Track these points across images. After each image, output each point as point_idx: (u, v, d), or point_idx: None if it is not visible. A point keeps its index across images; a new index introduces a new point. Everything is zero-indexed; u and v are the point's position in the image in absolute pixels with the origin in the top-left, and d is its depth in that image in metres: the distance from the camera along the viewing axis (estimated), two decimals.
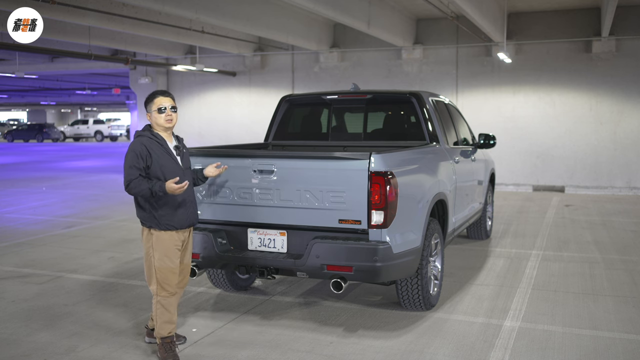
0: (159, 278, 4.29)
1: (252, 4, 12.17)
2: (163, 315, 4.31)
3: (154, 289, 4.33)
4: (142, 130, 4.36)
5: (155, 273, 4.29)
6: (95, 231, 9.32)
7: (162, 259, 4.28)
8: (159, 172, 4.21)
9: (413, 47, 15.00)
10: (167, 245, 4.28)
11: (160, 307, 4.31)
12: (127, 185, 4.16)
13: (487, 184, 8.22)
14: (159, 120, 4.29)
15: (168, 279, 4.30)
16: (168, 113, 4.29)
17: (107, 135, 47.46)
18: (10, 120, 64.59)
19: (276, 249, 4.88)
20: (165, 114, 4.28)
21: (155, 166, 4.20)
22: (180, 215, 4.31)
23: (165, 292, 4.31)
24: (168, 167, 4.25)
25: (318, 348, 4.54)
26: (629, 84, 13.67)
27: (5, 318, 5.23)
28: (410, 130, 6.45)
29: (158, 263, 4.28)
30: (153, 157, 4.20)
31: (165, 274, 4.28)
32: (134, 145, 4.21)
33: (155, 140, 4.26)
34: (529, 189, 14.54)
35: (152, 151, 4.21)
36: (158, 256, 4.28)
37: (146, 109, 4.36)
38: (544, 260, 7.35)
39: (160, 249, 4.27)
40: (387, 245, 4.52)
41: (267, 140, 6.86)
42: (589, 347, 4.58)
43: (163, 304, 4.31)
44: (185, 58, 17.47)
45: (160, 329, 4.31)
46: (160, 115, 4.28)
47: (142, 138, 4.26)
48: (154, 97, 4.33)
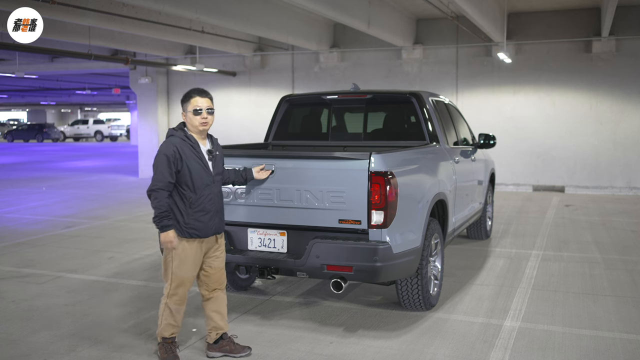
0: (172, 285, 4.18)
1: (252, 4, 12.17)
2: (168, 318, 4.23)
3: (165, 291, 4.24)
4: (175, 130, 4.16)
5: (170, 279, 4.19)
6: (95, 231, 9.32)
7: (180, 267, 4.15)
8: (188, 178, 4.05)
9: (413, 47, 15.00)
10: (187, 254, 4.15)
11: (168, 310, 4.22)
12: (150, 193, 4.00)
13: (487, 184, 8.22)
14: (194, 121, 4.10)
15: (181, 287, 4.19)
16: (204, 115, 4.10)
17: (107, 135, 47.48)
18: (10, 120, 64.59)
19: (276, 249, 4.88)
20: (200, 116, 4.09)
21: (184, 171, 4.04)
22: (207, 223, 4.15)
23: (177, 298, 4.21)
24: (197, 173, 4.08)
25: (318, 348, 4.54)
26: (629, 84, 13.66)
27: (5, 318, 5.23)
28: (410, 130, 6.45)
29: (176, 270, 4.16)
30: (184, 161, 4.02)
31: (179, 282, 4.18)
32: (165, 148, 4.03)
33: (188, 142, 4.08)
34: (529, 189, 14.54)
35: (183, 154, 4.03)
36: (176, 263, 4.15)
37: (182, 107, 4.19)
38: (544, 260, 7.35)
39: (180, 257, 4.14)
40: (387, 245, 4.52)
41: (267, 140, 6.86)
42: (589, 347, 4.58)
43: (171, 308, 4.22)
44: (185, 58, 17.47)
45: (163, 330, 4.25)
46: (195, 116, 4.09)
47: (174, 138, 4.08)
48: (190, 97, 4.13)
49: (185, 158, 4.04)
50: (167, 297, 4.22)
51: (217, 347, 4.39)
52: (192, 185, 4.07)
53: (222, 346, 4.39)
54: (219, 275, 4.38)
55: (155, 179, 4.01)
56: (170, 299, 4.21)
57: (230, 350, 4.38)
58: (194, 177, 4.07)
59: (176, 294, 4.21)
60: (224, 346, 4.39)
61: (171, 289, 4.20)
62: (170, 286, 4.19)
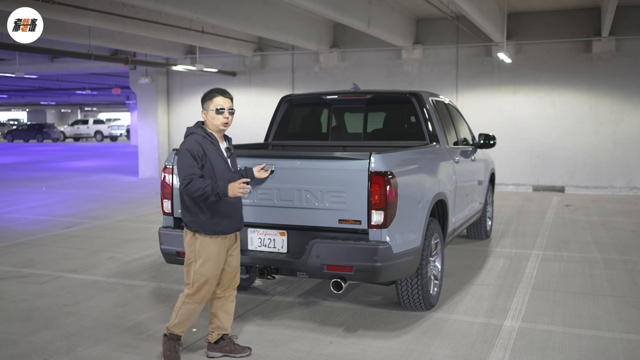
0: (196, 285, 4.15)
1: (252, 4, 12.17)
2: (184, 316, 4.20)
3: (185, 292, 4.20)
4: (194, 128, 4.17)
5: (193, 279, 4.15)
6: (95, 231, 9.32)
7: (204, 265, 4.13)
8: (211, 174, 4.06)
9: (413, 47, 15.00)
10: (210, 251, 4.13)
11: (186, 309, 4.19)
12: (186, 184, 3.96)
13: (487, 184, 8.22)
14: (215, 121, 4.13)
15: (204, 288, 4.17)
16: (226, 115, 4.14)
17: (107, 135, 47.49)
18: (10, 120, 64.59)
19: (276, 249, 4.88)
20: (222, 116, 4.12)
21: (208, 167, 4.05)
22: (229, 220, 4.17)
23: (198, 298, 4.18)
24: (220, 169, 4.11)
25: (318, 348, 4.54)
26: (629, 84, 13.66)
27: (5, 318, 5.23)
28: (410, 130, 6.45)
29: (199, 270, 4.13)
30: (207, 157, 4.05)
31: (203, 282, 4.15)
32: (189, 144, 4.03)
33: (209, 139, 4.10)
34: (529, 189, 14.54)
35: (206, 150, 4.05)
36: (200, 262, 4.12)
37: (202, 105, 4.20)
38: (544, 260, 7.35)
39: (203, 255, 4.13)
40: (387, 245, 4.51)
41: (267, 140, 6.86)
42: (589, 347, 4.58)
43: (190, 308, 4.19)
44: (185, 58, 17.47)
45: (176, 327, 4.21)
46: (217, 116, 4.11)
47: (196, 136, 4.08)
48: (212, 96, 4.15)
49: (209, 154, 4.07)
50: (187, 295, 4.19)
51: (217, 347, 4.38)
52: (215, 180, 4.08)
53: (223, 346, 4.38)
54: (235, 274, 4.39)
55: (183, 173, 3.99)
56: (191, 298, 4.19)
57: (230, 350, 4.37)
58: (217, 173, 4.09)
59: (198, 293, 4.17)
60: (225, 346, 4.38)
61: (193, 289, 4.17)
62: (193, 286, 4.17)
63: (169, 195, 5.15)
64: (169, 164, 5.15)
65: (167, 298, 5.80)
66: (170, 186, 5.13)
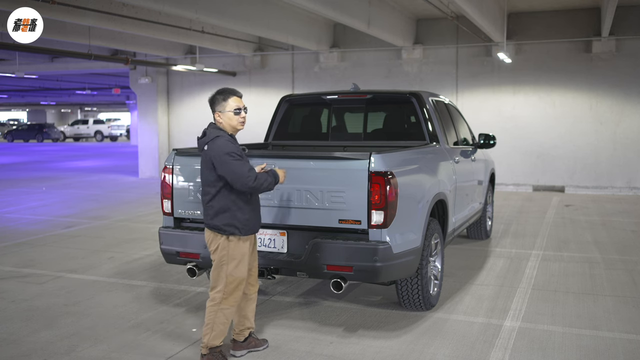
0: (229, 288, 4.14)
1: (252, 4, 12.17)
2: (222, 324, 4.18)
3: (217, 297, 4.16)
4: (217, 130, 4.13)
5: (226, 282, 4.14)
6: (95, 231, 9.32)
7: (238, 267, 4.14)
8: None
9: (413, 47, 15.00)
10: (243, 252, 4.17)
11: (222, 317, 4.17)
12: (254, 179, 4.00)
13: (487, 184, 8.22)
14: (233, 121, 4.14)
15: (238, 289, 4.18)
16: (243, 115, 4.18)
17: (107, 135, 47.48)
18: (10, 120, 64.58)
19: (276, 249, 4.88)
20: (240, 116, 4.16)
21: None
22: (258, 218, 4.26)
23: (232, 302, 4.18)
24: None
25: (318, 348, 4.54)
26: (629, 84, 13.66)
27: (5, 318, 5.23)
28: (410, 130, 6.45)
29: (233, 272, 4.13)
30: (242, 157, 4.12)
31: (237, 284, 4.16)
32: (229, 146, 4.01)
33: (234, 141, 4.14)
34: (529, 189, 14.54)
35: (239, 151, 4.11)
36: (234, 264, 4.13)
37: (216, 107, 4.16)
38: (544, 260, 7.35)
39: (237, 257, 4.14)
40: (387, 245, 4.51)
41: (267, 140, 6.86)
42: (589, 347, 4.58)
43: (226, 314, 4.18)
44: (185, 58, 17.47)
45: (214, 339, 4.18)
46: (235, 116, 4.13)
47: (227, 136, 4.08)
48: (227, 97, 4.15)
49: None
50: (221, 302, 4.16)
51: (244, 345, 4.42)
52: None
53: (249, 342, 4.45)
54: (257, 273, 4.49)
55: (243, 170, 3.98)
56: (226, 303, 4.16)
57: (255, 345, 4.46)
58: None
59: (233, 295, 4.17)
60: (251, 342, 4.45)
61: (227, 292, 4.15)
62: (226, 290, 4.15)
63: (169, 195, 5.15)
64: (169, 164, 5.16)
65: (167, 298, 5.80)
66: (170, 186, 5.14)
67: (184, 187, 5.11)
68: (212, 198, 4.12)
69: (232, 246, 4.13)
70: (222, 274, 4.15)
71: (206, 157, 4.10)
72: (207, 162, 4.10)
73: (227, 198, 4.09)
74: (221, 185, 4.09)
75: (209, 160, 4.08)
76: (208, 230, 4.22)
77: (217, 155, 4.02)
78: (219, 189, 4.10)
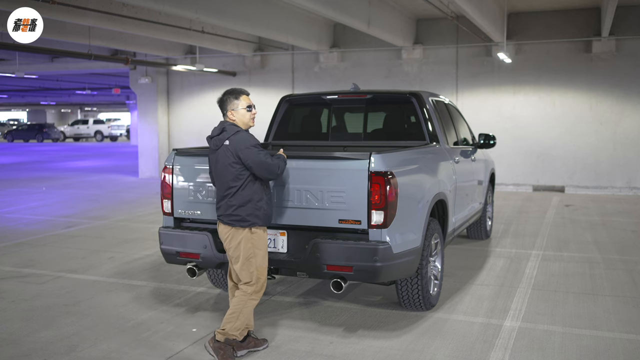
0: (262, 278, 4.26)
1: (252, 4, 12.17)
2: (247, 315, 4.27)
3: (249, 290, 4.24)
4: (234, 126, 4.30)
5: (258, 274, 4.24)
6: (95, 231, 9.32)
7: (264, 257, 4.30)
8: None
9: (413, 47, 15.00)
10: (265, 242, 4.34)
11: (250, 306, 4.28)
12: (278, 165, 4.26)
13: (487, 184, 8.22)
14: (246, 118, 4.34)
15: (265, 278, 4.32)
16: (254, 112, 4.40)
17: (107, 135, 47.49)
18: (10, 120, 64.58)
19: (276, 249, 4.88)
20: (252, 113, 4.37)
21: None
22: (272, 208, 4.44)
23: (262, 292, 4.33)
24: None
25: (318, 348, 4.54)
26: (629, 84, 13.66)
27: (5, 318, 5.23)
28: (410, 130, 6.45)
29: (262, 262, 4.27)
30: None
31: (264, 273, 4.29)
32: (253, 138, 4.23)
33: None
34: (529, 189, 14.54)
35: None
36: (261, 255, 4.26)
37: (228, 106, 4.34)
38: (544, 260, 7.35)
39: (262, 247, 4.29)
40: (387, 245, 4.51)
41: (267, 140, 6.86)
42: (589, 347, 4.58)
43: (253, 304, 4.30)
44: (185, 58, 17.47)
45: (235, 330, 4.23)
46: (248, 113, 4.35)
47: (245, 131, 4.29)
48: (238, 96, 4.35)
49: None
50: (253, 292, 4.27)
51: (244, 345, 4.42)
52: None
53: (249, 342, 4.45)
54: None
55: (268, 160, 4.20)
56: (257, 294, 4.30)
57: (254, 345, 4.47)
58: None
59: (262, 289, 4.31)
60: (250, 342, 4.46)
61: (259, 284, 4.27)
62: (258, 282, 4.26)
63: (169, 195, 5.15)
64: (169, 164, 5.16)
65: (167, 298, 5.80)
66: (170, 186, 5.14)
67: (184, 187, 5.11)
68: (237, 191, 4.22)
69: (256, 238, 4.24)
70: (252, 267, 4.24)
71: (227, 152, 4.22)
72: (229, 156, 4.21)
73: (251, 189, 4.23)
74: (247, 176, 4.21)
75: (231, 155, 4.20)
76: (225, 226, 4.29)
77: (245, 147, 4.18)
78: (245, 181, 4.22)
